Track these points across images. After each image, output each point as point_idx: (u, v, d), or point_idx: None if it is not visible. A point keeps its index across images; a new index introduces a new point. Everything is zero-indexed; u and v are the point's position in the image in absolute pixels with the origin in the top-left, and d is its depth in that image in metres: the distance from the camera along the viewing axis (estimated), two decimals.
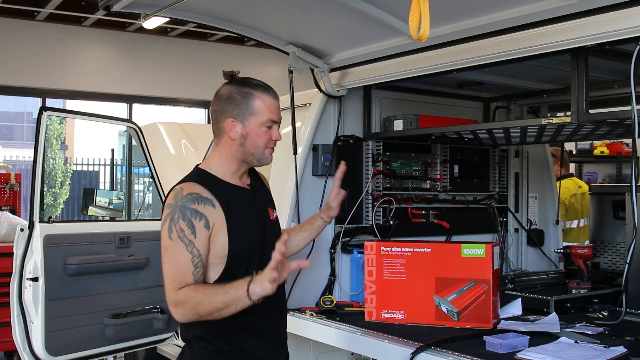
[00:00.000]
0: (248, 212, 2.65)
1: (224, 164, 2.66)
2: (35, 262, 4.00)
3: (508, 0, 2.91)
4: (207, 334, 2.56)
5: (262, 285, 2.36)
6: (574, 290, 3.89)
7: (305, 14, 3.51)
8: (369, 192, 4.11)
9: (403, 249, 3.37)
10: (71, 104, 15.02)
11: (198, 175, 2.62)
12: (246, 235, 2.60)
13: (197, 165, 2.74)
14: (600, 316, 3.45)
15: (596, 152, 7.93)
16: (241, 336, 2.59)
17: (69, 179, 16.72)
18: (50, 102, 10.86)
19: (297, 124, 3.93)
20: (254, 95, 2.62)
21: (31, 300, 3.98)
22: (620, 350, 2.73)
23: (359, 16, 3.34)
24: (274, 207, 2.85)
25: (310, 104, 4.02)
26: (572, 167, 8.78)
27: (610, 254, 4.59)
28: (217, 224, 2.51)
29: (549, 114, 4.87)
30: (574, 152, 8.22)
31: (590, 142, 7.97)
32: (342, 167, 3.11)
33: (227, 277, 2.52)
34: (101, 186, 14.85)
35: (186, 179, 2.60)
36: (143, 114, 12.46)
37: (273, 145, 2.70)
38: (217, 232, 2.51)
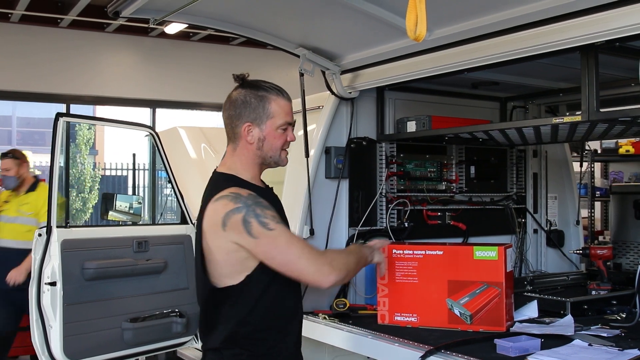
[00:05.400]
0: (282, 214, 2.69)
1: (249, 169, 2.65)
2: (53, 267, 4.04)
3: None
4: (245, 336, 2.53)
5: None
6: (593, 292, 3.82)
7: (315, 16, 3.50)
8: (383, 194, 4.09)
9: (415, 252, 3.33)
10: (100, 110, 15.19)
11: (234, 181, 2.59)
12: None
13: (219, 171, 2.68)
14: (619, 318, 3.38)
15: (621, 150, 7.75)
16: (275, 338, 2.58)
17: (97, 184, 16.90)
18: (76, 108, 10.96)
19: (310, 127, 3.92)
20: (269, 99, 2.61)
21: (49, 304, 4.02)
22: (635, 353, 2.68)
23: (368, 18, 3.32)
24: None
25: (322, 106, 4.02)
26: (598, 166, 8.64)
27: (632, 255, 4.52)
28: None
29: (567, 113, 4.80)
30: (599, 151, 8.07)
31: (616, 140, 7.82)
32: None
33: (258, 278, 2.50)
34: (129, 191, 14.97)
35: (225, 186, 2.54)
36: (169, 118, 12.53)
37: (288, 146, 2.72)
38: None
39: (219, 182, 2.60)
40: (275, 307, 2.57)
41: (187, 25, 8.02)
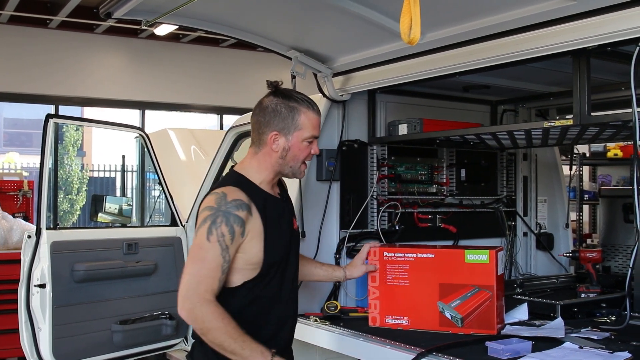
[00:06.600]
0: (280, 222, 2.69)
1: (262, 172, 2.69)
2: (42, 269, 4.02)
3: (508, 3, 2.89)
4: None
5: None
6: (582, 295, 3.84)
7: (307, 18, 3.50)
8: (374, 196, 4.09)
9: (406, 255, 3.34)
10: (88, 111, 15.12)
11: (238, 180, 2.64)
12: (278, 244, 2.64)
13: (233, 167, 2.78)
14: (608, 321, 3.40)
15: (610, 154, 7.80)
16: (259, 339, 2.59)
17: (85, 186, 16.77)
18: (65, 110, 10.93)
19: None
20: (299, 111, 2.65)
21: (39, 306, 4.00)
22: (625, 355, 2.69)
23: (360, 21, 3.32)
24: (295, 217, 2.89)
25: None
26: (586, 170, 8.69)
27: (621, 258, 4.54)
28: (253, 231, 2.54)
29: (557, 117, 4.83)
30: (587, 155, 8.12)
31: (604, 144, 7.87)
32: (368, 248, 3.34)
33: (253, 284, 2.57)
34: (117, 193, 14.88)
35: (226, 183, 2.61)
36: (158, 120, 12.50)
37: (310, 159, 2.77)
38: (252, 240, 2.54)
39: (226, 178, 2.70)
40: (265, 306, 2.63)
41: (177, 27, 8.01)
